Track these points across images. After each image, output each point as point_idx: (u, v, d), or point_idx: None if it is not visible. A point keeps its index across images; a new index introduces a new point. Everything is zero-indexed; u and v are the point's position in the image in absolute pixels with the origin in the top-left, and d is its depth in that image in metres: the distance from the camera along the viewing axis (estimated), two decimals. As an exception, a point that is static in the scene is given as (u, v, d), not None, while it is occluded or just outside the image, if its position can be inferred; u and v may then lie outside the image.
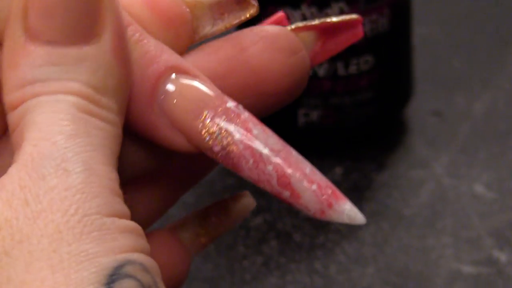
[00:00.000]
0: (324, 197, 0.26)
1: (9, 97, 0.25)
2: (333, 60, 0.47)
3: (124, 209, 0.23)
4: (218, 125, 0.26)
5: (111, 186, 0.23)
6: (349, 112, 0.49)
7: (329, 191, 0.26)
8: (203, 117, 0.26)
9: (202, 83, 0.26)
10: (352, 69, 0.48)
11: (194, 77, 0.26)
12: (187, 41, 0.28)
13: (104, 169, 0.23)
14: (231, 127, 0.26)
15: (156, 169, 0.29)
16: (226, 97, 0.26)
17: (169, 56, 0.26)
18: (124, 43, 0.25)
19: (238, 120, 0.26)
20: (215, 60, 0.27)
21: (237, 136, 0.26)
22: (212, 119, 0.26)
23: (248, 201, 0.31)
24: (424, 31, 0.58)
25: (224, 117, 0.26)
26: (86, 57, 0.24)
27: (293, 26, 0.29)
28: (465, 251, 0.45)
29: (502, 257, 0.45)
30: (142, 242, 0.23)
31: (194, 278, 0.45)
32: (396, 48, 0.49)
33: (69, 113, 0.24)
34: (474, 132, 0.53)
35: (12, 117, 0.24)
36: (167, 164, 0.29)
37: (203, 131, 0.26)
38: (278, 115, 0.30)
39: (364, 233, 0.47)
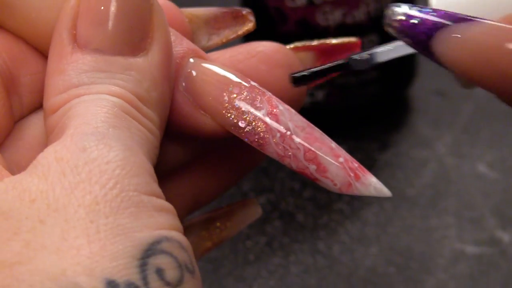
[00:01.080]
0: (350, 170, 0.26)
1: (51, 101, 0.24)
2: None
3: (160, 191, 0.23)
4: (244, 101, 0.26)
5: (149, 170, 0.23)
6: (354, 91, 0.48)
7: (355, 164, 0.26)
8: (228, 94, 0.26)
9: (222, 66, 0.27)
10: (357, 48, 0.47)
11: (212, 61, 0.27)
12: None
13: (143, 157, 0.23)
14: (257, 103, 0.26)
15: (189, 163, 0.29)
16: (248, 78, 0.26)
17: (189, 42, 0.27)
18: (170, 61, 0.25)
19: (263, 97, 0.26)
20: None
21: (263, 111, 0.26)
22: (237, 95, 0.26)
23: (254, 208, 0.31)
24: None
25: (249, 93, 0.26)
26: (132, 67, 0.24)
27: (292, 45, 0.29)
28: (468, 231, 0.45)
29: (505, 237, 0.45)
30: (177, 222, 0.23)
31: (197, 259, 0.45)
32: (401, 27, 0.49)
33: (112, 110, 0.24)
34: (477, 112, 0.53)
35: (51, 119, 0.24)
36: (200, 157, 0.29)
37: (229, 107, 0.26)
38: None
39: (367, 213, 0.47)
